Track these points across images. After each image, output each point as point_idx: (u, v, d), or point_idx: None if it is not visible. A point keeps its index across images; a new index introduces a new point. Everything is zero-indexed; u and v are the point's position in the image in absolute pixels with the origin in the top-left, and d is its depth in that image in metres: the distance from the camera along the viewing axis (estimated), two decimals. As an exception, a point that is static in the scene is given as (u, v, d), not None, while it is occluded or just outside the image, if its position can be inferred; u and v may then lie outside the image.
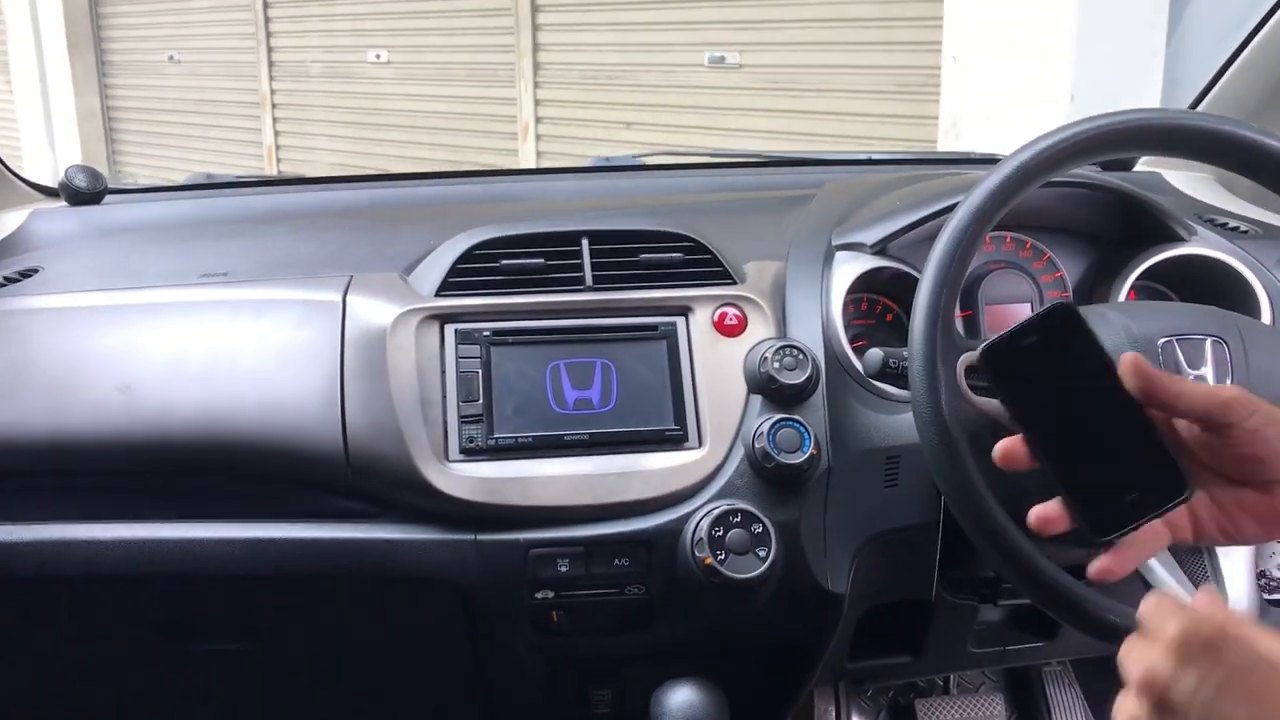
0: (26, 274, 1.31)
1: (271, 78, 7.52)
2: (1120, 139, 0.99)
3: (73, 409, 1.14)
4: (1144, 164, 1.66)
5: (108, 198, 1.58)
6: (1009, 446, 0.83)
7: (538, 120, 6.02)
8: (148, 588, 1.17)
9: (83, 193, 1.54)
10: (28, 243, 1.46)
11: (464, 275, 1.20)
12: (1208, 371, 1.04)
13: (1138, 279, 1.26)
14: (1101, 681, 1.67)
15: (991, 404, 0.99)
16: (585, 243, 1.23)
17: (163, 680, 1.31)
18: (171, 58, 8.25)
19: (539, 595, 1.10)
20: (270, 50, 7.46)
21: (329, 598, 1.20)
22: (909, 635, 1.35)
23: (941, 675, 1.70)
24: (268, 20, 7.43)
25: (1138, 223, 1.28)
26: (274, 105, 7.56)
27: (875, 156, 1.76)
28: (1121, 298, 1.25)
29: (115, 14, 8.67)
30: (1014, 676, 1.75)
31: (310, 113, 7.37)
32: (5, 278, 1.30)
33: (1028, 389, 0.82)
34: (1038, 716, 1.70)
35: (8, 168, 1.60)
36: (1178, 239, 1.26)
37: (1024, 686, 1.73)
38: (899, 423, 1.15)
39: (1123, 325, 1.04)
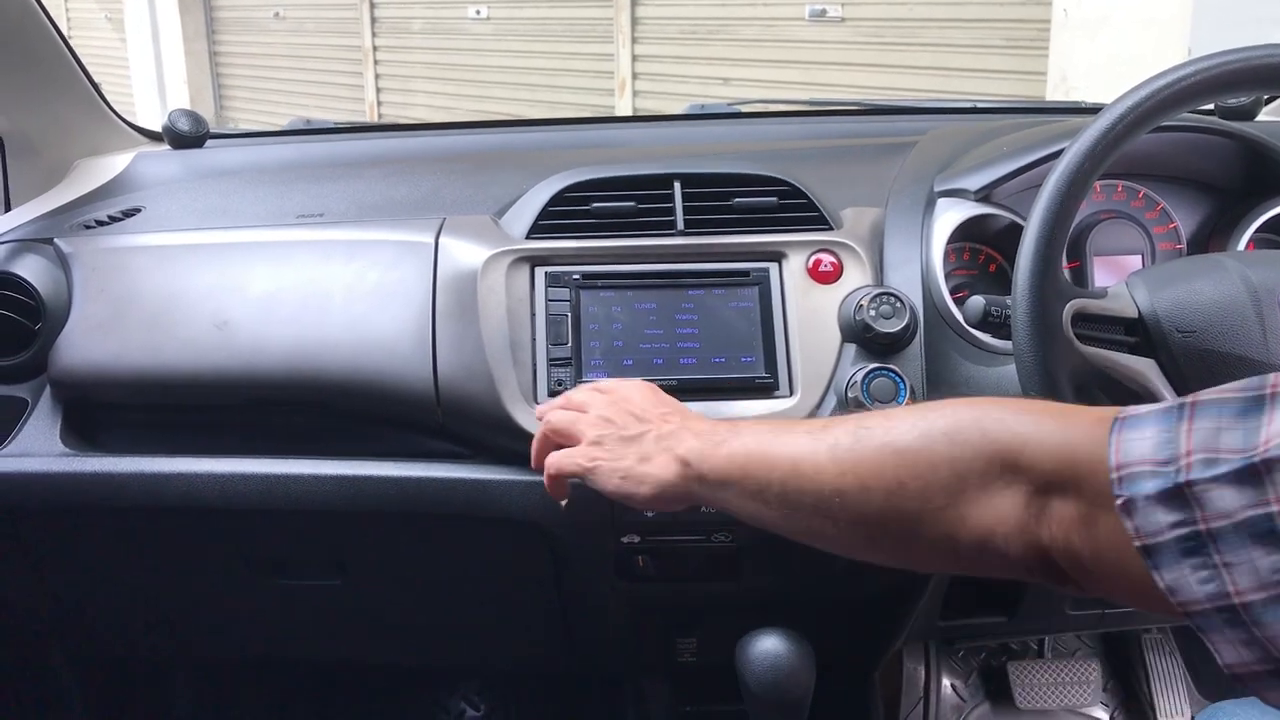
0: (129, 213, 1.34)
1: (374, 34, 7.59)
2: (1247, 77, 0.93)
3: (171, 344, 1.16)
4: (1268, 113, 1.58)
5: (209, 142, 1.61)
6: None
7: (635, 76, 5.98)
8: (242, 522, 1.19)
9: (185, 136, 1.58)
10: (132, 184, 1.49)
11: (555, 218, 1.19)
12: None
13: (1257, 231, 1.20)
14: (1205, 650, 1.62)
15: (1100, 355, 0.94)
16: (677, 186, 1.21)
17: (256, 609, 1.34)
18: (277, 14, 8.38)
19: (625, 539, 1.09)
20: (373, 6, 7.53)
21: (418, 537, 1.21)
22: (1004, 595, 1.32)
23: (1036, 638, 1.66)
24: (371, -24, 7.50)
25: (1260, 171, 1.22)
26: (376, 61, 7.64)
27: (980, 105, 1.71)
28: (1240, 250, 1.19)
29: (224, -29, 8.84)
30: (1111, 643, 1.70)
31: (411, 69, 7.43)
32: (109, 216, 1.33)
33: None
34: (1135, 684, 1.66)
35: (115, 112, 1.64)
36: None
37: (1122, 653, 1.69)
38: (1000, 375, 1.11)
39: (1241, 274, 0.99)
